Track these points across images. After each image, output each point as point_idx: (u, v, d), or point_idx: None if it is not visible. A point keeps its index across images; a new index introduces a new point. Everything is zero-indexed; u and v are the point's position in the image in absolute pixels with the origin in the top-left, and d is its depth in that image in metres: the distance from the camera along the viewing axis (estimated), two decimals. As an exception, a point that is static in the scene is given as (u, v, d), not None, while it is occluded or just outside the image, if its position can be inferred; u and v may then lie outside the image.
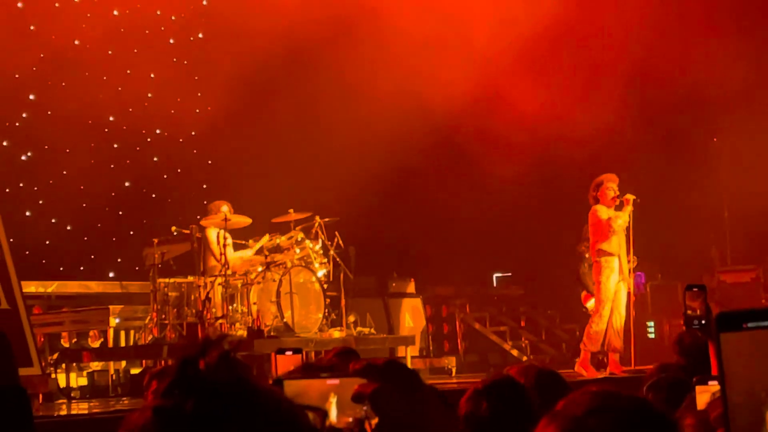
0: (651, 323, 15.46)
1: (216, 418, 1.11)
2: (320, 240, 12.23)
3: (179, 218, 13.10)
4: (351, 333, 12.24)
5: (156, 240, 11.99)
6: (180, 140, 16.81)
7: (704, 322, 3.67)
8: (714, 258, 16.99)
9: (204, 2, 17.22)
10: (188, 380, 1.13)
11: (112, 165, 16.29)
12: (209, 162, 17.09)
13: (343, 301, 12.47)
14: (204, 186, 16.62)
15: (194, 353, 1.15)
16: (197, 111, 16.39)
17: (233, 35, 15.69)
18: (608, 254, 10.92)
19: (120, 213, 16.39)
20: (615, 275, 10.93)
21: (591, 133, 14.74)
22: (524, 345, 15.94)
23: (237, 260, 12.08)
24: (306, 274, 11.91)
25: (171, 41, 16.92)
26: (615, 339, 10.96)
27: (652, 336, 15.36)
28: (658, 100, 16.62)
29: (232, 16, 15.69)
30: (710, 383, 3.14)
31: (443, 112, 14.95)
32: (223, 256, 11.62)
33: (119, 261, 15.60)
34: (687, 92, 15.90)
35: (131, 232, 15.83)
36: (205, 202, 12.89)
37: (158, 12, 16.70)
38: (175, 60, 16.84)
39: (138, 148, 16.60)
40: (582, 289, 12.30)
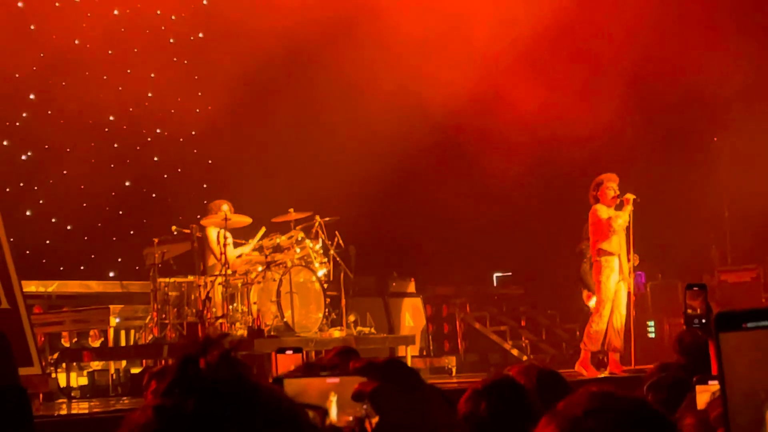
0: (651, 323, 15.46)
1: (217, 417, 1.11)
2: (320, 239, 12.23)
3: (179, 218, 13.10)
4: (351, 332, 12.24)
5: (156, 239, 11.99)
6: (180, 140, 16.81)
7: (704, 321, 3.66)
8: (714, 257, 16.98)
9: (204, 2, 17.21)
10: (189, 379, 1.13)
11: (113, 164, 16.29)
12: (209, 161, 17.10)
13: (344, 301, 12.46)
14: (204, 185, 16.62)
15: (195, 352, 1.15)
16: (197, 110, 16.39)
17: (233, 35, 15.69)
18: (608, 254, 10.92)
19: (120, 212, 16.39)
20: (615, 275, 10.93)
21: (591, 133, 14.74)
22: (524, 344, 15.94)
23: (236, 258, 12.08)
24: (306, 274, 11.91)
25: (171, 41, 16.92)
26: (615, 338, 10.96)
27: (653, 335, 15.35)
28: (658, 100, 16.62)
29: (233, 16, 15.70)
30: (710, 383, 3.14)
31: (443, 112, 14.95)
32: (224, 256, 11.62)
33: (119, 260, 15.60)
34: (687, 92, 15.90)
35: (131, 232, 15.83)
36: (206, 202, 12.89)
37: (158, 12, 16.70)
38: (176, 59, 16.84)
39: (138, 148, 16.60)
40: (583, 288, 12.29)
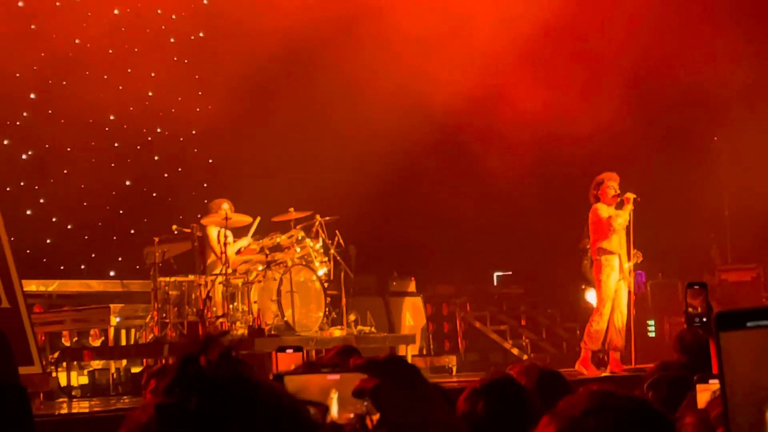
0: (651, 322, 15.45)
1: (218, 416, 1.11)
2: (321, 239, 12.22)
3: (180, 217, 13.11)
4: (351, 332, 12.23)
5: (157, 239, 11.99)
6: (181, 139, 16.82)
7: (705, 320, 3.66)
8: (714, 257, 16.98)
9: (204, 1, 17.21)
10: (190, 378, 1.13)
11: (113, 164, 16.30)
12: (210, 161, 17.10)
13: (344, 300, 12.46)
14: (205, 185, 16.62)
15: (196, 351, 1.15)
16: (198, 110, 16.40)
17: (234, 34, 15.69)
18: (609, 253, 10.92)
19: (121, 212, 16.40)
20: (615, 274, 10.93)
21: (591, 132, 14.74)
22: (525, 344, 15.94)
23: (236, 254, 12.07)
24: (306, 273, 11.91)
25: (172, 40, 16.91)
26: (616, 337, 10.96)
27: (653, 335, 15.35)
28: (659, 99, 16.61)
29: (233, 16, 15.70)
30: (711, 382, 3.13)
31: (444, 111, 14.96)
32: (224, 255, 11.62)
33: (120, 260, 15.60)
34: (687, 91, 15.90)
35: (132, 231, 15.84)
36: (206, 201, 12.89)
37: (159, 11, 16.70)
38: (176, 59, 16.84)
39: (139, 147, 16.60)
40: (584, 285, 12.29)
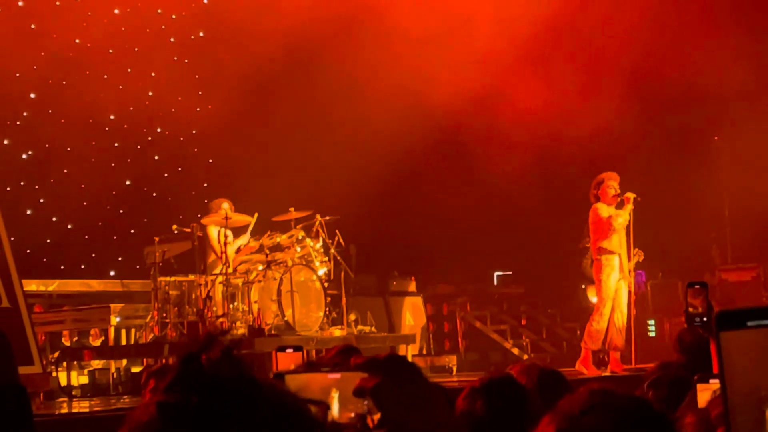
0: (652, 322, 15.45)
1: (220, 414, 1.11)
2: (321, 238, 12.23)
3: (180, 217, 13.11)
4: (352, 331, 12.24)
5: (157, 238, 11.99)
6: (181, 139, 16.81)
7: (706, 320, 3.65)
8: (715, 256, 16.97)
9: (205, 1, 17.21)
10: (191, 376, 1.13)
11: (113, 163, 16.30)
12: (210, 160, 17.10)
13: (344, 300, 12.46)
14: (205, 184, 16.62)
15: (197, 349, 1.15)
16: (198, 109, 16.39)
17: (234, 34, 15.70)
18: (609, 252, 10.92)
19: (121, 211, 16.40)
20: (616, 273, 10.93)
21: (592, 132, 14.74)
22: (525, 343, 15.93)
23: (236, 253, 12.08)
24: (307, 273, 11.91)
25: (172, 40, 16.91)
26: (617, 337, 10.96)
27: (653, 334, 15.34)
28: (659, 99, 16.61)
29: (233, 15, 15.70)
30: (711, 381, 3.13)
31: (444, 111, 14.95)
32: (224, 255, 11.62)
33: (120, 259, 15.60)
34: (688, 91, 15.89)
35: (132, 231, 15.84)
36: (206, 201, 12.89)
37: (159, 11, 16.70)
38: (176, 59, 16.84)
39: (139, 147, 16.60)
40: (584, 285, 12.29)
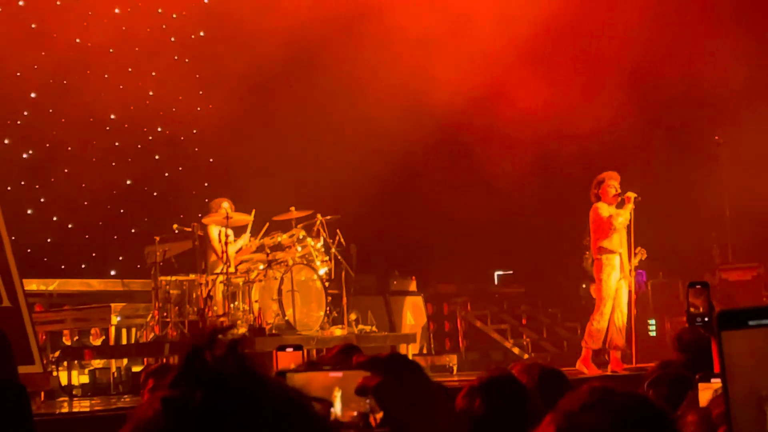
0: (652, 321, 15.44)
1: (224, 410, 1.11)
2: (322, 238, 12.23)
3: (181, 216, 13.11)
4: (352, 331, 12.24)
5: (157, 238, 11.99)
6: (181, 138, 16.81)
7: (707, 320, 3.65)
8: (715, 256, 16.95)
9: (205, 1, 17.21)
10: (196, 372, 1.13)
11: (114, 163, 16.30)
12: (211, 160, 17.10)
13: (345, 299, 12.46)
14: (205, 184, 16.63)
15: (201, 345, 1.15)
16: (198, 109, 16.40)
17: (235, 34, 15.70)
18: (609, 252, 10.92)
19: (121, 211, 16.40)
20: (616, 273, 10.93)
21: (592, 131, 14.74)
22: (525, 343, 15.93)
23: (236, 252, 12.08)
24: (307, 272, 11.91)
25: (172, 39, 16.91)
26: (617, 336, 10.96)
27: (653, 334, 15.34)
28: (660, 98, 16.61)
29: (234, 15, 15.70)
30: (713, 380, 3.13)
31: (445, 110, 14.95)
32: (225, 254, 11.62)
33: (121, 259, 15.60)
34: (689, 90, 15.89)
35: (133, 230, 15.84)
36: (207, 200, 12.90)
37: (159, 10, 16.70)
38: (177, 58, 16.84)
39: (139, 146, 16.61)
40: (584, 284, 12.28)
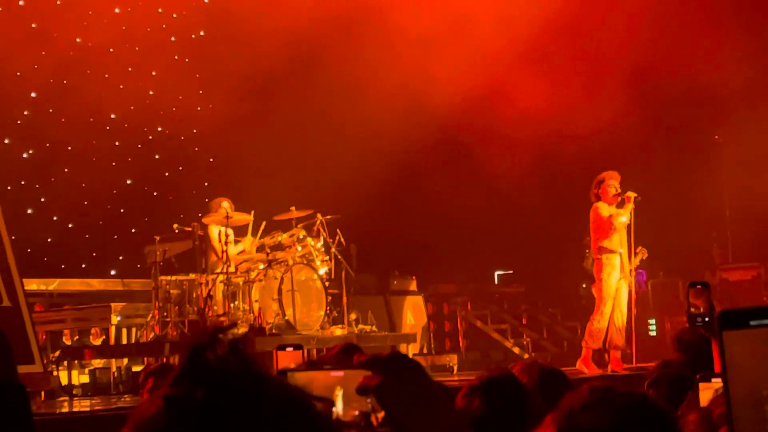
0: (652, 321, 15.45)
1: (226, 408, 1.11)
2: (322, 237, 12.22)
3: (181, 216, 13.11)
4: (352, 330, 12.24)
5: (158, 237, 11.99)
6: (182, 138, 16.82)
7: (708, 320, 3.64)
8: (715, 255, 16.96)
9: (205, 0, 17.21)
10: (198, 370, 1.13)
11: (114, 163, 16.30)
12: (211, 159, 17.11)
13: (345, 299, 12.46)
14: (206, 183, 16.62)
15: (203, 343, 1.15)
16: (199, 109, 16.40)
17: (235, 33, 15.69)
18: (610, 251, 10.92)
19: (122, 210, 16.40)
20: (616, 272, 10.93)
21: (592, 131, 14.73)
22: (526, 343, 15.93)
23: (236, 253, 12.08)
24: (307, 272, 11.90)
25: (172, 39, 16.91)
26: (617, 336, 10.96)
27: (654, 333, 15.34)
28: (660, 98, 16.61)
29: (234, 15, 15.70)
30: (713, 380, 3.13)
31: (445, 110, 14.95)
32: (225, 254, 11.62)
33: (121, 258, 15.60)
34: (689, 90, 15.89)
35: (133, 230, 15.84)
36: (207, 200, 12.90)
37: (160, 10, 16.70)
38: (177, 58, 16.84)
39: (140, 146, 16.61)
40: (585, 284, 12.28)
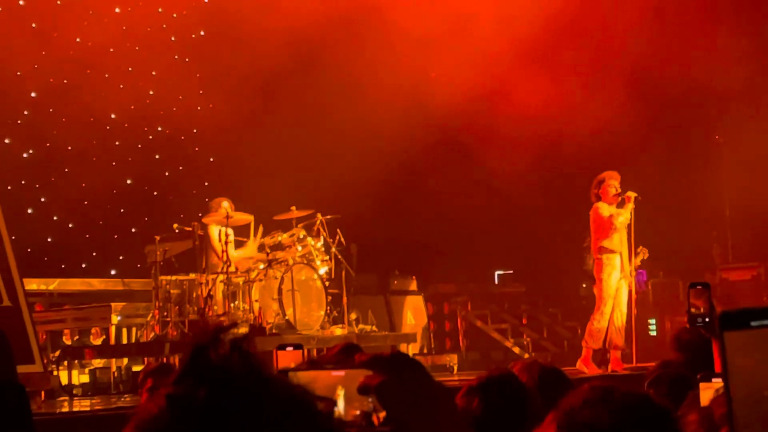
0: (653, 321, 15.45)
1: (229, 407, 1.11)
2: (322, 237, 12.23)
3: (181, 215, 13.12)
4: (353, 330, 12.24)
5: (158, 237, 11.99)
6: (182, 138, 16.81)
7: (708, 320, 3.64)
8: (716, 255, 16.96)
9: (205, 0, 17.20)
10: (200, 368, 1.14)
11: (114, 162, 16.29)
12: (211, 159, 17.10)
13: (345, 299, 12.46)
14: (206, 183, 16.62)
15: (206, 342, 1.15)
16: (199, 108, 16.39)
17: (235, 33, 15.68)
18: (610, 251, 10.93)
19: (122, 210, 16.39)
20: (616, 272, 10.94)
21: (593, 131, 14.73)
22: (526, 342, 15.93)
23: (239, 258, 12.08)
24: (308, 272, 11.91)
25: (173, 39, 16.90)
26: (616, 336, 10.96)
27: (654, 333, 15.34)
28: (661, 98, 16.61)
29: (234, 14, 15.69)
30: (714, 380, 3.13)
31: (445, 110, 14.95)
32: (225, 254, 11.62)
33: (121, 258, 15.60)
34: (689, 89, 15.90)
35: (133, 230, 15.84)
36: (207, 200, 12.90)
37: (160, 9, 16.69)
38: (177, 57, 16.83)
39: (140, 146, 16.60)
40: (588, 282, 12.28)
